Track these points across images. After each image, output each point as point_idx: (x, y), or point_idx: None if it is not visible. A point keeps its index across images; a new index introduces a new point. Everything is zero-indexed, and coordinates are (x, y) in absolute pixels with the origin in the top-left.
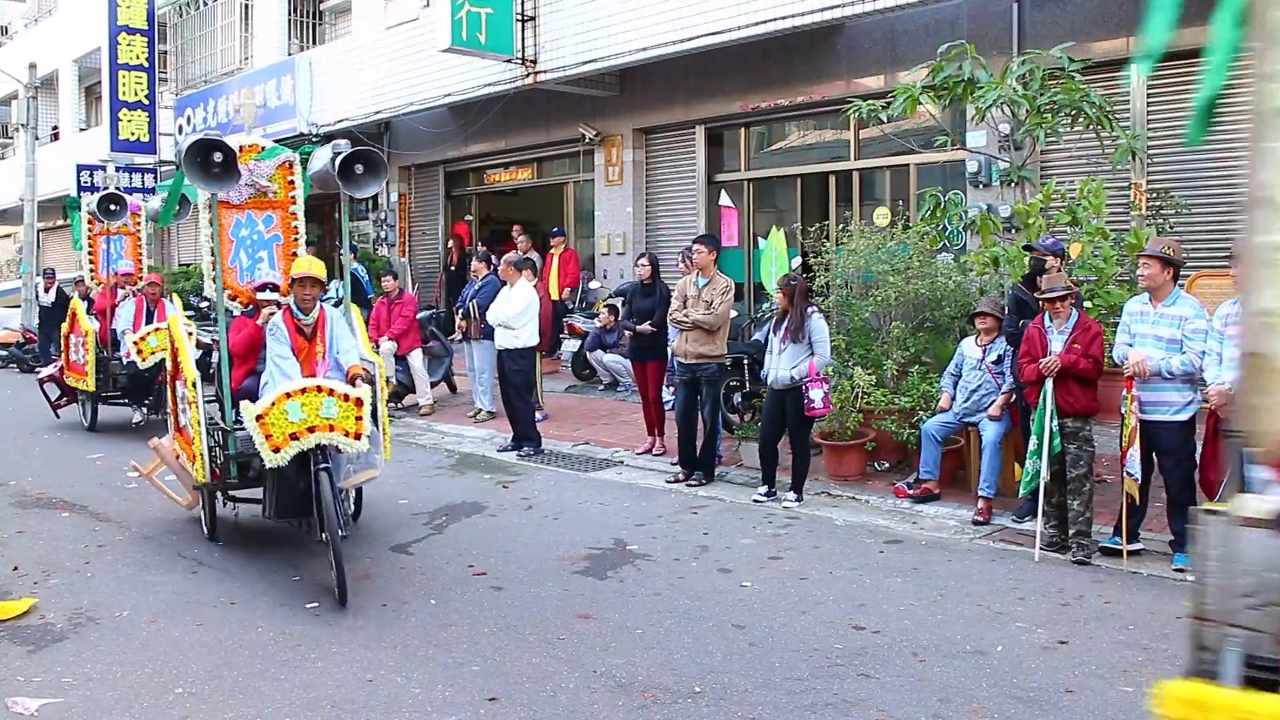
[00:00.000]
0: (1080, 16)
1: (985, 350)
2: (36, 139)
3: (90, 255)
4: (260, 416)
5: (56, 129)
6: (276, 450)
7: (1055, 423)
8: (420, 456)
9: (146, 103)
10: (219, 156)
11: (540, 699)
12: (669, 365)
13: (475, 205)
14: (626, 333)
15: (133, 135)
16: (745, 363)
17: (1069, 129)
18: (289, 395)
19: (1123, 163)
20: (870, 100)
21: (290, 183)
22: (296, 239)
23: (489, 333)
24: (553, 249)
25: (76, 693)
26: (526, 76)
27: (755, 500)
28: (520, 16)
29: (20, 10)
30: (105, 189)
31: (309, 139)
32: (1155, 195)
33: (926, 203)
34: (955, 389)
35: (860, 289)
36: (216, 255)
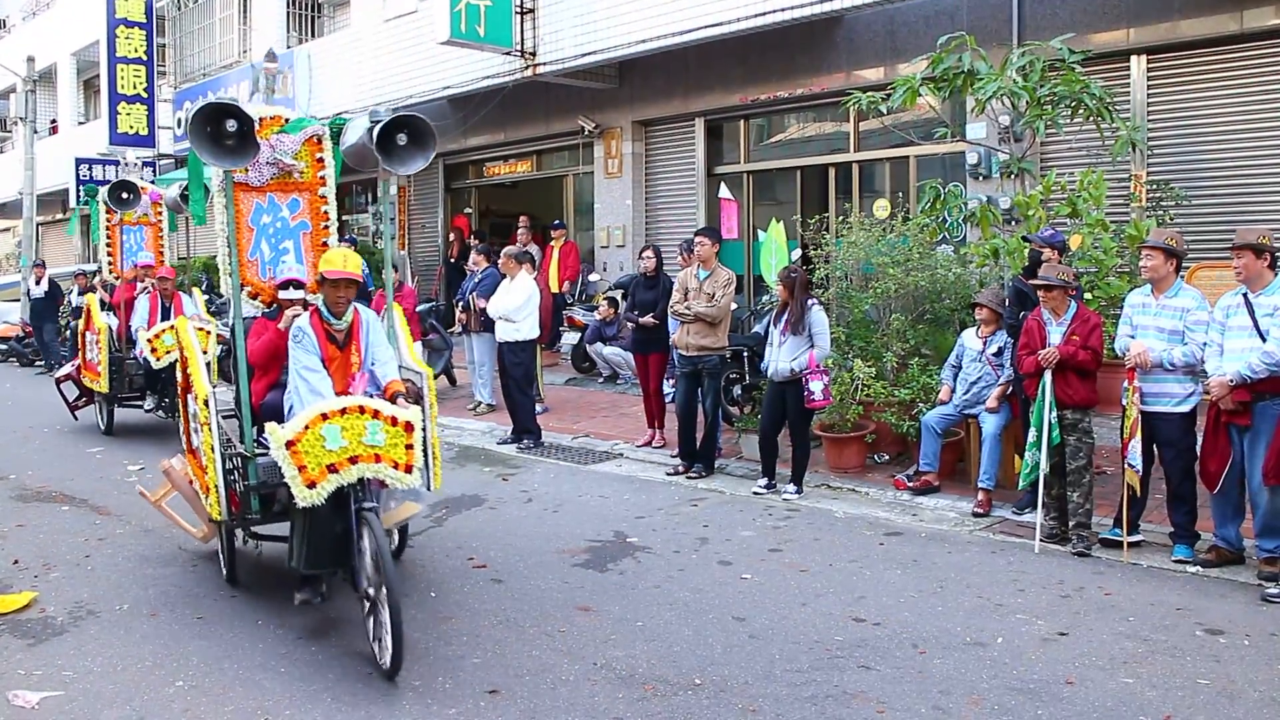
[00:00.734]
0: (1080, 8)
1: (986, 342)
2: (35, 133)
3: (109, 247)
4: (291, 443)
5: (55, 123)
6: (311, 485)
7: (1054, 415)
8: None
9: (145, 96)
10: (233, 125)
11: (540, 691)
12: (670, 358)
13: (474, 198)
14: (628, 325)
15: (131, 129)
16: (745, 355)
17: (1069, 121)
18: (325, 417)
19: (1123, 154)
20: (870, 92)
21: (319, 160)
22: (327, 227)
23: (489, 325)
24: (553, 241)
25: (77, 686)
26: (526, 69)
27: (755, 492)
28: (519, 9)
29: (18, 3)
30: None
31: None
32: (1155, 187)
33: (926, 195)
34: (955, 381)
35: (860, 281)
36: (232, 246)
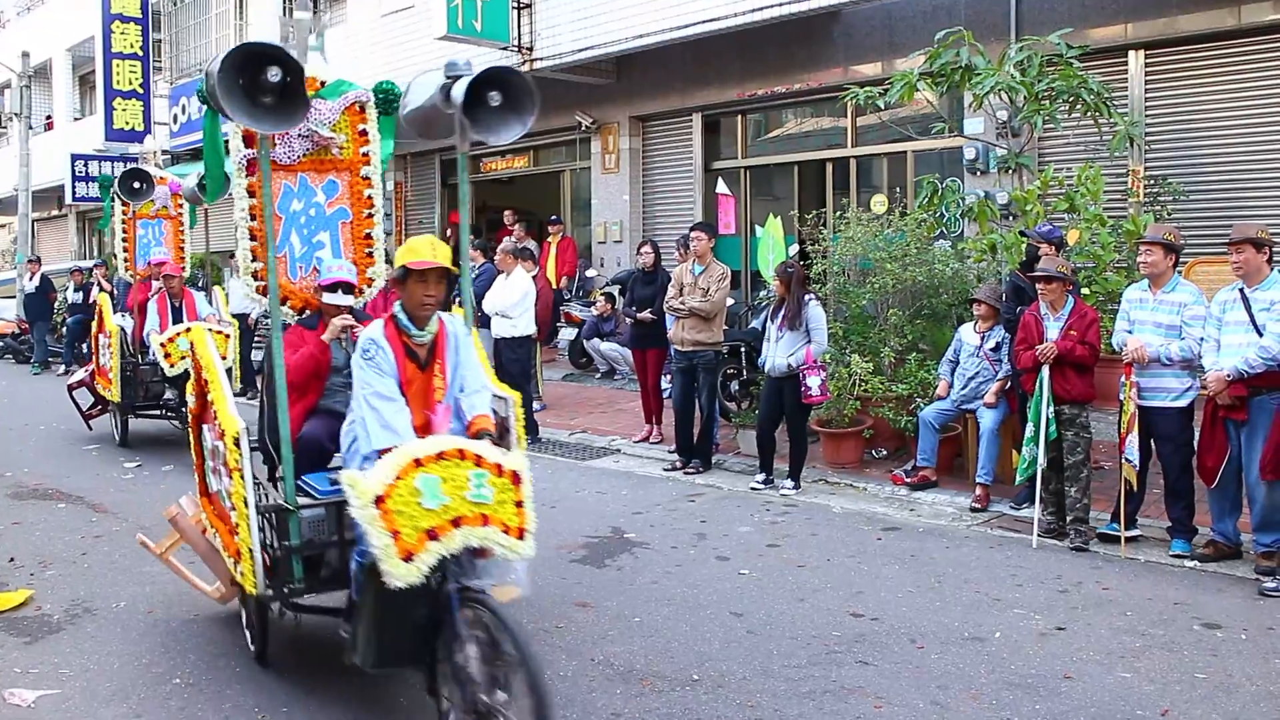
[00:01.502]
0: (1078, 3)
1: (983, 337)
2: (30, 128)
3: (124, 243)
4: (381, 500)
5: (50, 118)
6: (409, 558)
7: (1051, 410)
8: None
9: (141, 92)
10: (275, 75)
11: None
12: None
13: (472, 193)
14: (626, 320)
15: (127, 124)
16: (743, 350)
17: (1067, 115)
18: (419, 464)
19: (1120, 149)
20: (867, 87)
21: (361, 134)
22: (371, 215)
23: (485, 321)
24: (550, 237)
25: (73, 684)
26: (522, 64)
27: (753, 488)
28: (516, 4)
29: None
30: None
31: None
32: (1153, 182)
33: (924, 190)
34: (953, 376)
35: (857, 276)
36: (270, 238)
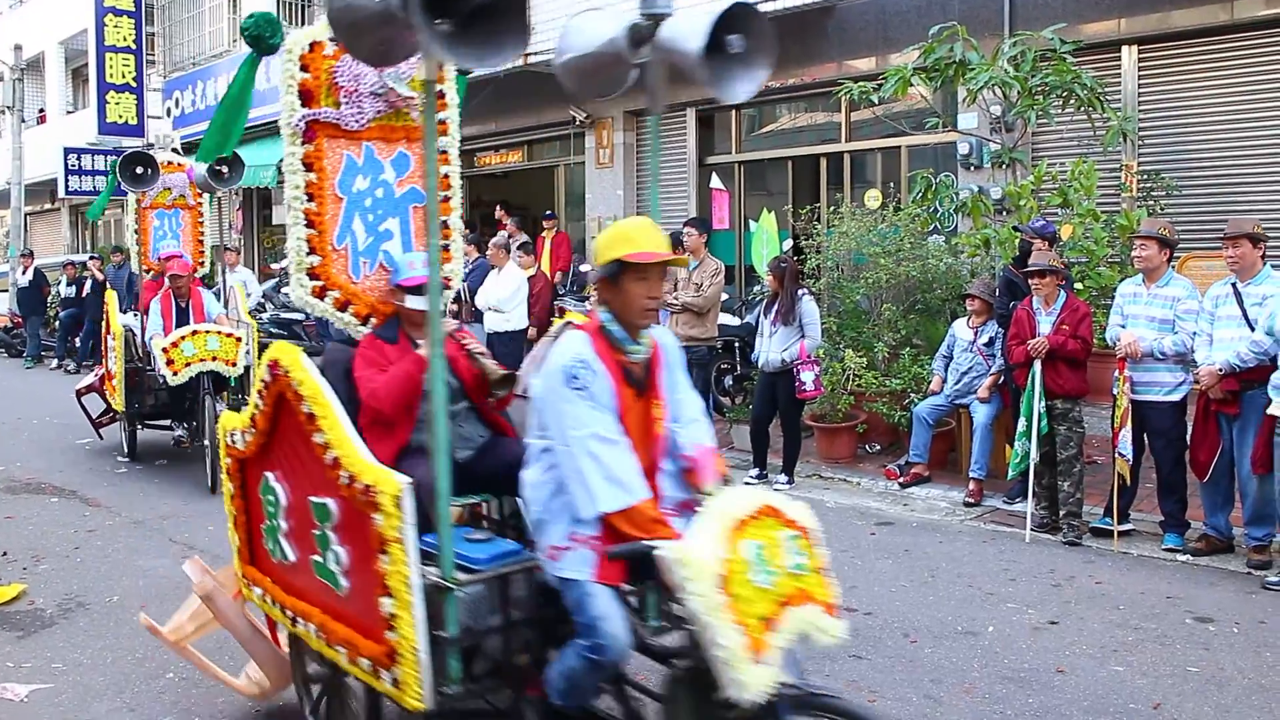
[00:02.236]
0: None
1: (977, 332)
2: (23, 122)
3: (137, 235)
4: (721, 581)
5: (43, 112)
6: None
7: (1043, 404)
8: None
9: (134, 85)
10: None
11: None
12: None
13: (465, 188)
14: None
15: (120, 118)
16: (736, 345)
17: (1060, 111)
18: (742, 526)
19: (1114, 144)
20: (861, 82)
21: (440, 97)
22: (448, 199)
23: (478, 316)
24: (544, 232)
25: (67, 678)
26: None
27: (746, 483)
28: None
29: None
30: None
31: None
32: (1146, 177)
33: (918, 185)
34: (946, 371)
35: (851, 271)
36: (350, 231)
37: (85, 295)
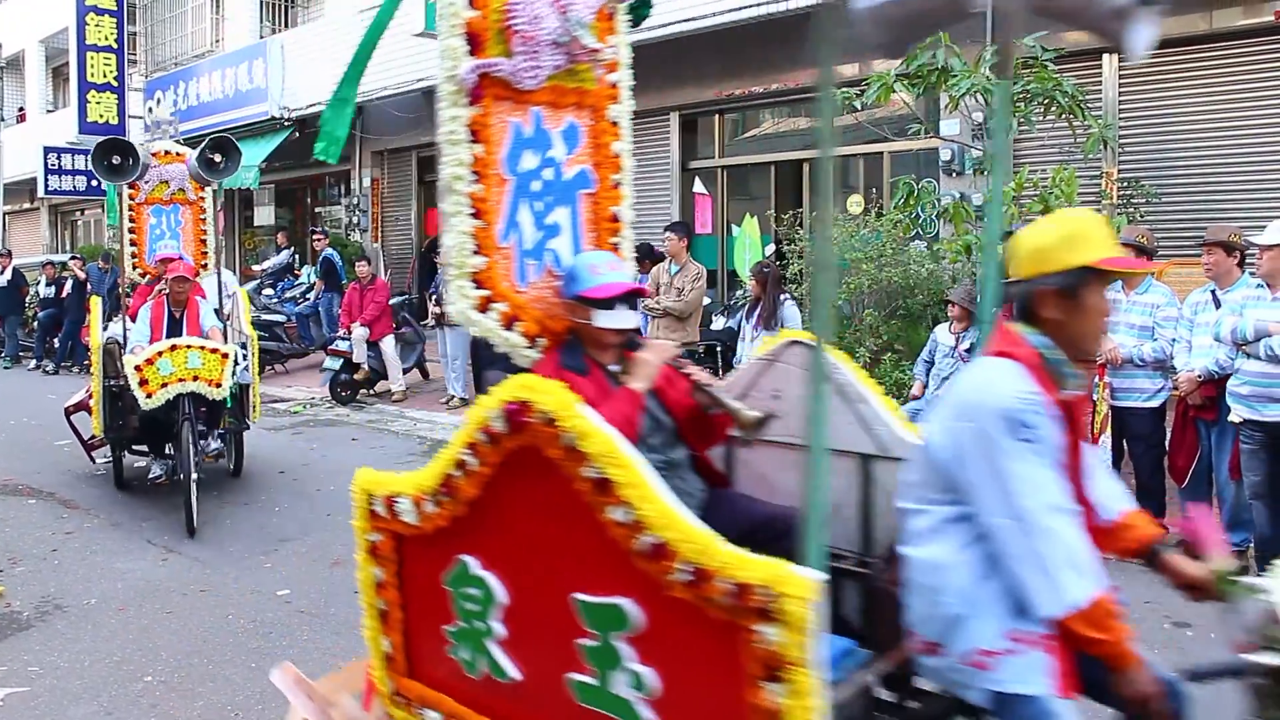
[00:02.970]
0: None
1: (959, 338)
2: (2, 120)
3: (132, 234)
4: None
5: (23, 110)
6: None
7: None
8: (393, 443)
9: (115, 85)
10: None
11: None
12: None
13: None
14: None
15: (101, 118)
16: (718, 350)
17: (1041, 118)
18: None
19: (1094, 152)
20: (844, 88)
21: (612, 56)
22: (617, 184)
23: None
24: None
25: (43, 681)
26: None
27: None
28: None
29: None
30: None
31: (281, 123)
32: (1126, 184)
33: (900, 191)
34: (928, 376)
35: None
36: (515, 224)
37: (65, 296)
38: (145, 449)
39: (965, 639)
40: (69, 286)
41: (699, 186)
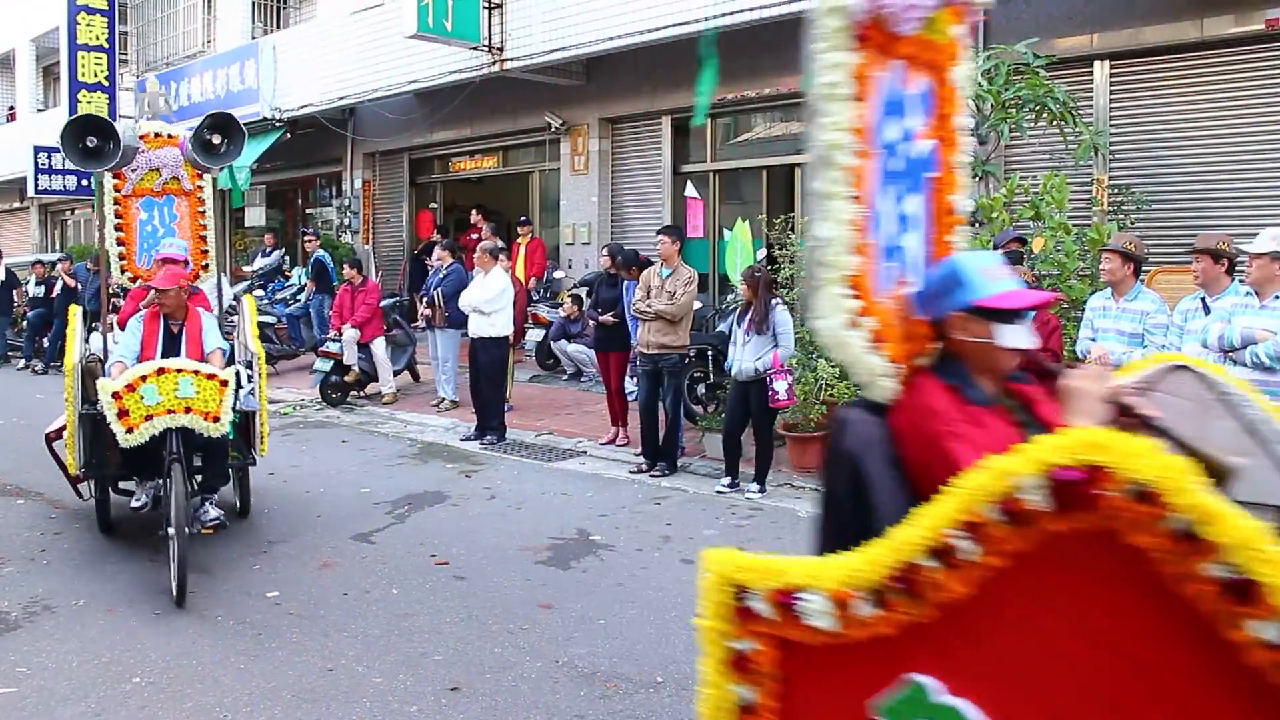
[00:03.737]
0: (1045, 13)
1: None
2: None
3: (119, 232)
4: None
5: (13, 109)
6: None
7: None
8: (383, 445)
9: (106, 84)
10: None
11: (502, 688)
12: (631, 356)
13: (440, 193)
14: (591, 323)
15: None
16: (709, 354)
17: (1033, 124)
18: None
19: (1085, 158)
20: None
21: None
22: (958, 167)
23: (454, 321)
24: (519, 238)
25: (31, 682)
26: (493, 64)
27: (718, 491)
28: (487, 4)
29: None
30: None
31: (273, 123)
32: (1117, 191)
33: None
34: None
35: None
36: (876, 213)
37: (55, 296)
38: (126, 487)
39: None
40: (59, 287)
41: (691, 190)
